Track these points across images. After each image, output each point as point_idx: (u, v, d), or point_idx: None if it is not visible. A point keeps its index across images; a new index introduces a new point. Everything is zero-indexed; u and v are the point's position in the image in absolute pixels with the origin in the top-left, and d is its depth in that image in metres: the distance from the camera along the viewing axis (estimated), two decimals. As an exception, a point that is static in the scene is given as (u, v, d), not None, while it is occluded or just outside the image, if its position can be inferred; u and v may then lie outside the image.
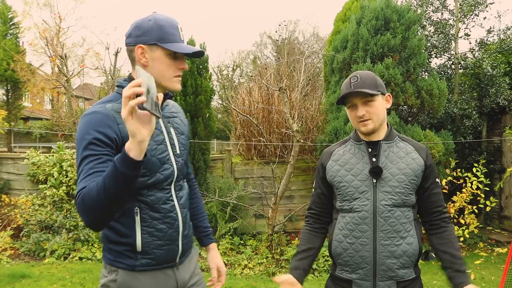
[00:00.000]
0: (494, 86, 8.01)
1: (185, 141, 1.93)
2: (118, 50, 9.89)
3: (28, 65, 13.90)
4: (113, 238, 1.75)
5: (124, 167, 1.36)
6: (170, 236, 1.79)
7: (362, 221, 1.99)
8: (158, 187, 1.75)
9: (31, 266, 6.01)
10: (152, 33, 1.68)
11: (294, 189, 7.88)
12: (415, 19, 6.89)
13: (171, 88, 1.77)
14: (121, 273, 1.75)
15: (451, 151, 7.10)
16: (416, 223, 2.02)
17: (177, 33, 1.72)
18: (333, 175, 2.09)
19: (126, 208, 1.70)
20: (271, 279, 5.77)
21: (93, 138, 1.57)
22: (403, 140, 2.08)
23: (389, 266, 1.95)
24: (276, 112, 8.35)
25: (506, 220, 8.13)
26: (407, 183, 1.97)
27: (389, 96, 2.09)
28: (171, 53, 1.70)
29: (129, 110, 1.26)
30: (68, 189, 7.04)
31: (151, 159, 1.69)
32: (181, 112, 2.00)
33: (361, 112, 1.98)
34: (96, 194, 1.43)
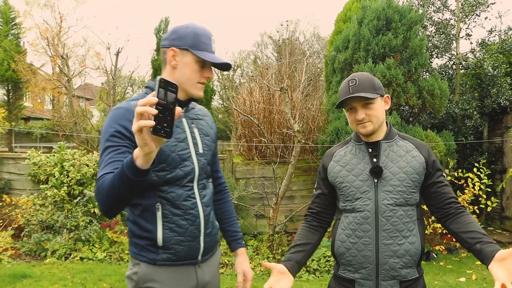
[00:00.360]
0: (495, 87, 8.01)
1: (210, 143, 1.99)
2: (119, 50, 9.89)
3: (29, 65, 13.91)
4: (137, 232, 1.84)
5: (129, 172, 1.40)
6: (191, 233, 1.85)
7: (364, 221, 1.99)
8: (178, 184, 1.82)
9: (32, 266, 6.01)
10: (187, 39, 1.80)
11: (295, 189, 7.87)
12: (417, 19, 6.89)
13: (193, 94, 1.86)
14: (143, 266, 1.83)
15: (453, 151, 7.09)
16: (419, 223, 2.01)
17: (210, 44, 1.83)
18: (335, 176, 2.10)
19: (148, 203, 1.79)
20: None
21: (114, 131, 1.69)
22: (403, 138, 2.09)
23: (392, 266, 1.95)
24: (277, 112, 8.34)
25: (507, 220, 8.12)
26: (409, 182, 1.97)
27: (388, 97, 2.09)
28: (200, 61, 1.80)
29: (137, 127, 1.25)
30: (69, 189, 7.04)
31: (170, 154, 1.78)
32: (208, 116, 2.08)
33: (361, 116, 1.99)
34: (108, 187, 1.52)
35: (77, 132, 9.91)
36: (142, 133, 1.27)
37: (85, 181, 7.16)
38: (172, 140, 1.79)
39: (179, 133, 1.84)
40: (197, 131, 1.92)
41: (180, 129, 1.85)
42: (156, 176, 1.77)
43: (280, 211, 6.96)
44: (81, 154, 7.61)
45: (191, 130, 1.90)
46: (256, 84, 9.00)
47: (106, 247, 6.61)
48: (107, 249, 6.59)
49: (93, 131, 10.56)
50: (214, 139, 2.05)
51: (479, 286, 5.40)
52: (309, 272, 6.05)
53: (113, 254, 6.51)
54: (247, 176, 7.75)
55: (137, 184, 1.44)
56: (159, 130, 1.26)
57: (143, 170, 1.39)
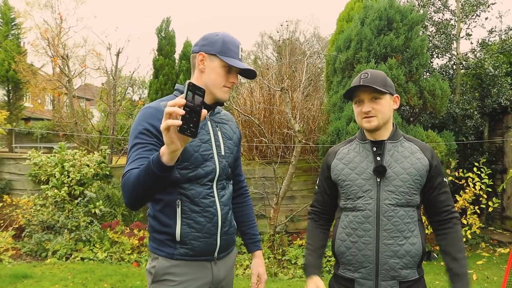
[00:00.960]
0: (495, 87, 8.01)
1: (232, 146, 2.07)
2: (120, 51, 9.89)
3: (29, 65, 13.91)
4: (156, 227, 1.93)
5: (156, 168, 1.50)
6: (208, 230, 1.92)
7: (365, 220, 1.99)
8: (199, 182, 1.90)
9: (33, 267, 6.01)
10: (216, 45, 1.90)
11: (296, 189, 7.87)
12: (418, 19, 6.89)
13: (219, 96, 1.94)
14: (161, 260, 1.91)
15: (453, 151, 7.09)
16: (420, 224, 2.01)
17: (237, 52, 1.94)
18: (338, 174, 2.11)
19: (169, 200, 1.88)
20: (273, 279, 5.76)
21: (143, 129, 1.80)
22: (408, 140, 2.09)
23: (392, 266, 1.95)
24: (277, 113, 8.34)
25: (508, 220, 8.11)
26: (411, 183, 1.97)
27: (397, 97, 2.11)
28: (226, 66, 1.90)
29: (165, 126, 1.36)
30: (70, 189, 7.05)
31: (194, 154, 1.87)
32: (233, 121, 2.17)
33: (367, 108, 2.01)
34: (134, 182, 1.62)
35: (78, 132, 9.91)
36: (170, 131, 1.38)
37: (85, 181, 7.16)
38: (197, 141, 1.89)
39: (204, 134, 1.93)
40: (220, 134, 2.01)
41: (204, 131, 1.94)
42: (178, 173, 1.86)
43: (281, 211, 6.96)
44: (82, 154, 7.62)
45: (215, 132, 1.99)
46: (256, 84, 8.99)
47: (107, 248, 6.61)
48: (107, 249, 6.59)
49: (93, 131, 10.55)
50: (236, 143, 2.12)
51: (480, 286, 5.40)
52: (310, 272, 6.04)
53: (114, 254, 6.51)
54: (247, 176, 7.74)
55: (162, 179, 1.54)
56: (185, 130, 1.37)
57: (168, 166, 1.49)
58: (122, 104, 10.67)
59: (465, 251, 2.01)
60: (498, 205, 7.70)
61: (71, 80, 10.52)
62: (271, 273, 5.95)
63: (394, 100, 2.09)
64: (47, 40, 11.40)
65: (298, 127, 6.54)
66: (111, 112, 9.61)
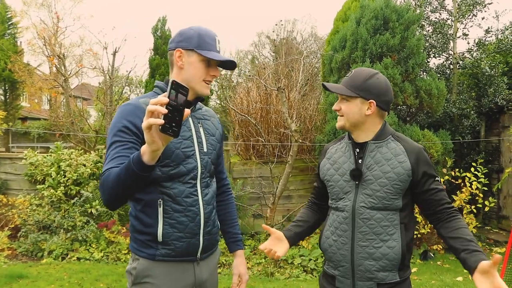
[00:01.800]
0: (492, 86, 8.03)
1: (215, 143, 2.03)
2: (116, 50, 9.86)
3: (26, 65, 13.88)
4: (138, 227, 1.88)
5: (136, 167, 1.48)
6: (191, 230, 1.88)
7: (343, 221, 2.01)
8: (181, 180, 1.86)
9: (29, 267, 5.99)
10: (192, 40, 1.87)
11: (293, 189, 7.86)
12: (414, 19, 6.90)
13: (199, 91, 1.91)
14: (142, 261, 1.87)
15: (450, 150, 7.10)
16: (403, 227, 1.96)
17: (214, 44, 1.89)
18: (324, 173, 2.13)
19: (150, 199, 1.84)
20: (269, 279, 5.76)
21: (122, 126, 1.77)
22: (396, 139, 2.01)
23: (367, 268, 1.95)
24: (274, 112, 8.33)
25: (504, 220, 8.13)
26: (390, 188, 1.92)
27: (372, 103, 1.97)
28: (205, 60, 1.86)
29: (146, 125, 1.34)
30: (66, 189, 7.02)
31: (175, 151, 1.83)
32: (215, 117, 2.13)
33: (336, 107, 2.04)
34: (113, 181, 1.59)
35: (74, 132, 9.88)
36: (151, 130, 1.35)
37: (82, 181, 7.14)
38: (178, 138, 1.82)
39: (185, 131, 1.89)
40: (202, 131, 1.98)
41: (186, 128, 1.90)
42: (160, 171, 1.82)
43: (278, 210, 6.95)
44: (78, 154, 7.59)
45: (197, 129, 1.95)
46: (253, 84, 8.99)
47: (103, 247, 6.59)
48: (104, 249, 6.58)
49: (90, 131, 10.52)
50: (219, 140, 2.09)
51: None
52: (306, 272, 6.04)
53: (110, 254, 6.49)
54: (244, 176, 7.74)
55: (142, 178, 1.51)
56: (167, 129, 1.34)
57: (149, 165, 1.46)
58: (119, 103, 10.64)
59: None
60: (495, 204, 7.72)
61: (67, 79, 10.49)
62: (267, 273, 5.95)
63: (369, 105, 1.98)
64: (44, 40, 11.37)
65: (294, 126, 6.54)
66: (108, 111, 9.58)
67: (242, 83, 9.67)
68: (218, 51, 1.90)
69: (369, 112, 1.98)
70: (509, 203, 8.01)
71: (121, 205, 1.71)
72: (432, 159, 6.52)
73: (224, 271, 6.06)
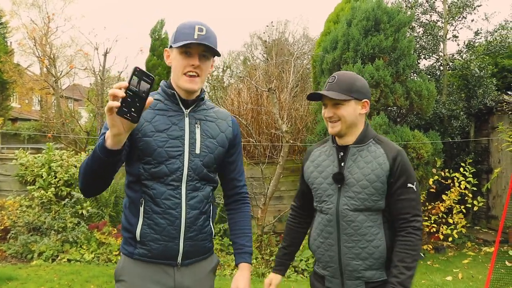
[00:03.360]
0: (481, 87, 8.10)
1: (214, 145, 1.92)
2: (107, 51, 9.84)
3: (16, 65, 13.78)
4: (124, 224, 1.89)
5: (100, 152, 1.50)
6: (168, 233, 1.82)
7: (328, 223, 2.04)
8: (163, 181, 1.81)
9: (18, 268, 5.95)
10: (173, 37, 1.86)
11: (284, 189, 7.88)
12: (405, 20, 6.94)
13: (182, 86, 1.84)
14: (124, 258, 1.89)
15: (439, 151, 7.16)
16: (387, 227, 2.00)
17: (191, 32, 1.79)
18: (308, 176, 2.16)
19: (134, 197, 1.84)
20: (260, 280, 5.76)
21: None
22: (377, 142, 2.05)
23: (355, 267, 1.98)
24: (265, 113, 8.35)
25: (493, 219, 8.21)
26: (371, 189, 1.96)
27: (367, 102, 2.05)
28: (183, 51, 1.80)
29: (107, 107, 1.36)
30: (57, 190, 6.98)
31: (157, 149, 1.79)
32: (224, 120, 2.01)
33: (329, 114, 2.02)
34: (84, 166, 1.62)
35: (65, 133, 9.83)
36: (112, 114, 1.37)
37: (73, 182, 7.11)
38: (163, 136, 1.80)
39: (175, 130, 1.83)
40: (199, 132, 1.89)
41: (177, 127, 1.84)
42: (142, 168, 1.80)
43: (269, 211, 6.96)
44: (69, 155, 7.56)
45: (192, 129, 1.87)
46: (244, 85, 9.00)
47: (94, 249, 6.56)
48: (95, 250, 6.55)
49: (81, 132, 10.48)
50: (222, 143, 1.96)
51: (465, 284, 5.46)
52: (297, 272, 6.06)
53: (101, 255, 6.47)
54: (235, 177, 7.73)
55: (106, 163, 1.53)
56: (125, 113, 1.36)
57: (111, 150, 1.48)
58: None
59: (412, 262, 1.92)
60: (484, 204, 7.80)
61: (58, 80, 10.44)
62: (258, 274, 5.96)
63: (362, 105, 2.04)
64: (34, 40, 11.30)
65: (285, 127, 6.56)
66: (99, 113, 9.55)
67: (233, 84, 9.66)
68: (195, 39, 1.78)
69: (363, 111, 2.04)
70: (498, 203, 8.08)
71: (94, 192, 1.74)
72: (422, 159, 6.57)
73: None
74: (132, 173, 1.84)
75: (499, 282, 5.31)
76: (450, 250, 7.10)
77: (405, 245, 1.93)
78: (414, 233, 1.94)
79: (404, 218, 1.96)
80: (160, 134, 1.80)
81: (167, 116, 1.84)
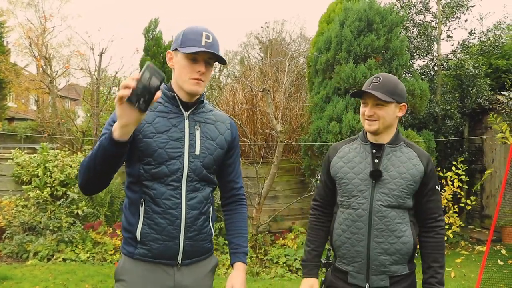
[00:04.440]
0: (475, 87, 8.15)
1: (213, 147, 1.96)
2: (103, 51, 9.86)
3: (13, 65, 13.77)
4: (124, 225, 1.92)
5: (107, 143, 1.54)
6: (169, 233, 1.85)
7: (358, 219, 2.10)
8: (163, 182, 1.85)
9: (13, 268, 5.96)
10: (177, 40, 1.88)
11: (279, 189, 7.92)
12: (398, 20, 6.99)
13: (187, 90, 1.88)
14: (124, 258, 1.92)
15: (433, 150, 7.21)
16: (412, 224, 2.11)
17: (199, 39, 1.84)
18: (336, 171, 2.20)
19: (134, 198, 1.87)
20: (255, 279, 5.81)
21: (111, 120, 1.81)
22: (408, 146, 2.16)
23: (382, 262, 2.06)
24: (260, 113, 8.39)
25: (487, 219, 8.26)
26: (405, 187, 2.06)
27: (404, 106, 2.15)
28: (189, 57, 1.83)
29: (118, 97, 1.44)
30: (53, 190, 6.99)
31: (158, 150, 1.83)
32: (223, 122, 2.06)
33: (370, 113, 2.09)
34: (89, 159, 1.66)
35: (61, 133, 9.85)
36: (122, 104, 1.45)
37: (68, 182, 7.13)
38: (163, 137, 1.84)
39: (175, 132, 1.87)
40: (198, 133, 1.92)
41: (177, 129, 1.88)
42: (142, 169, 1.84)
43: (264, 211, 7.00)
44: (65, 155, 7.58)
45: (192, 131, 1.91)
46: (239, 85, 9.03)
47: (89, 248, 6.58)
48: (90, 250, 6.57)
49: (78, 133, 10.49)
50: (221, 145, 1.99)
51: (458, 283, 5.50)
52: (291, 271, 6.11)
53: (96, 255, 6.49)
54: (230, 176, 7.76)
55: (112, 156, 1.58)
56: (134, 101, 1.44)
57: (118, 141, 1.53)
58: (107, 103, 10.61)
59: (443, 260, 2.11)
60: (478, 204, 7.85)
61: (53, 80, 10.45)
62: (253, 273, 6.00)
63: (400, 108, 2.14)
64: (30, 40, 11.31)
65: (280, 127, 6.60)
66: (95, 112, 9.57)
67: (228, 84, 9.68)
68: (204, 46, 1.83)
69: (400, 114, 2.14)
70: (492, 202, 8.13)
71: (95, 189, 1.77)
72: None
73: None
74: (132, 174, 1.88)
75: (490, 280, 5.36)
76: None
77: (437, 246, 2.11)
78: (442, 233, 2.13)
79: (433, 218, 2.13)
80: (161, 135, 1.84)
81: (168, 118, 1.88)
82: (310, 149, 7.01)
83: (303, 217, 7.74)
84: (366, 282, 2.09)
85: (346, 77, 6.59)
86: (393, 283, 2.08)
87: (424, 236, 2.13)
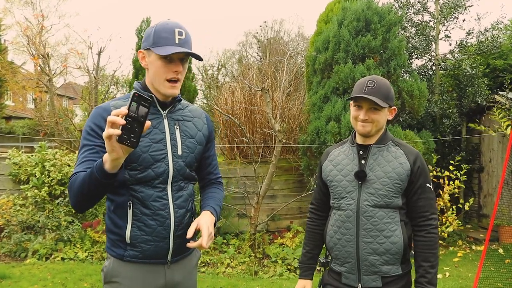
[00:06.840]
0: (473, 87, 8.17)
1: (193, 145, 1.96)
2: (101, 50, 9.85)
3: (10, 63, 13.74)
4: (110, 227, 1.91)
5: (98, 174, 1.53)
6: (159, 233, 1.86)
7: (347, 219, 2.12)
8: (150, 184, 1.84)
9: (12, 267, 5.97)
10: (149, 38, 1.81)
11: (277, 188, 7.93)
12: (396, 20, 7.00)
13: (163, 93, 1.85)
14: (112, 260, 1.91)
15: (431, 150, 7.23)
16: (403, 224, 2.11)
17: (171, 37, 1.78)
18: (327, 175, 2.24)
19: (121, 201, 1.85)
20: (253, 278, 5.81)
21: (90, 129, 1.79)
22: (396, 144, 2.17)
23: (372, 262, 2.08)
24: (258, 112, 8.39)
25: (484, 218, 8.29)
26: (391, 186, 2.07)
27: (394, 109, 2.19)
28: (164, 56, 1.77)
29: (106, 135, 1.40)
30: (51, 189, 6.99)
31: (142, 154, 1.81)
32: (199, 117, 2.05)
33: (365, 117, 2.09)
34: (79, 186, 1.64)
35: (59, 131, 9.83)
36: (111, 140, 1.41)
37: (66, 181, 7.12)
38: (146, 141, 1.82)
39: (156, 133, 1.86)
40: (178, 133, 1.91)
41: (158, 130, 1.87)
42: (128, 174, 1.82)
43: (262, 210, 7.01)
44: (63, 154, 7.57)
45: (172, 131, 1.90)
46: (238, 84, 9.03)
47: (87, 247, 6.59)
48: (88, 248, 6.58)
49: (76, 131, 10.48)
50: (200, 141, 2.00)
51: (455, 282, 5.52)
52: (290, 271, 6.11)
53: (95, 253, 6.50)
54: (228, 176, 7.78)
55: (105, 185, 1.57)
56: (125, 140, 1.41)
57: (110, 173, 1.52)
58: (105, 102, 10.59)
59: (435, 259, 2.08)
60: (475, 203, 7.88)
61: (51, 79, 10.43)
62: (251, 272, 6.00)
63: (390, 112, 2.18)
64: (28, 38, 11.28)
65: (278, 127, 6.60)
66: (92, 111, 9.56)
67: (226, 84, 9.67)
68: (178, 44, 1.78)
69: (390, 117, 2.18)
70: (489, 202, 8.16)
71: (88, 208, 1.76)
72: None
73: (208, 270, 6.11)
74: (117, 179, 1.81)
75: (488, 279, 5.38)
76: (441, 248, 7.16)
77: (428, 245, 2.08)
78: (434, 231, 2.10)
79: (423, 216, 2.11)
80: (143, 139, 1.81)
81: None
82: (309, 149, 7.02)
83: (302, 216, 7.76)
84: (358, 283, 2.11)
85: (344, 77, 6.60)
86: (386, 283, 2.08)
87: (416, 235, 2.13)
